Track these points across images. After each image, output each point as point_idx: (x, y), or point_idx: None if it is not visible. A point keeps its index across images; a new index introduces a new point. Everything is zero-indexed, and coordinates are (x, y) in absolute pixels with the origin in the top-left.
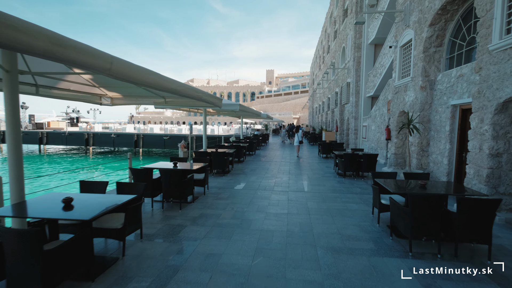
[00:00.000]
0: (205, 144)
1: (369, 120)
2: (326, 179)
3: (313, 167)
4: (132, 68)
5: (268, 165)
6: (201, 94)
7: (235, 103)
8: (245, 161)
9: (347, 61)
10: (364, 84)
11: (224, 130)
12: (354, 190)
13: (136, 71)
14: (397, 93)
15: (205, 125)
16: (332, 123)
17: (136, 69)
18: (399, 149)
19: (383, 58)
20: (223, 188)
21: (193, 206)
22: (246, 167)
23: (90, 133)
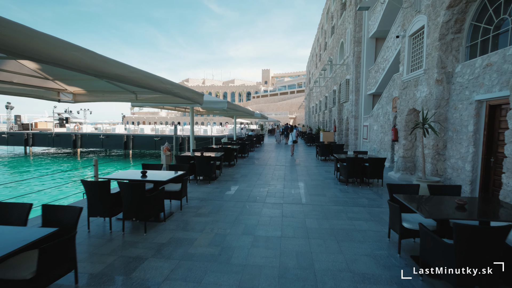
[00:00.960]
0: (192, 146)
1: (370, 120)
2: (326, 186)
3: (311, 171)
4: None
5: (262, 169)
6: (173, 88)
7: (222, 100)
8: (236, 164)
9: (346, 56)
10: (364, 81)
11: (217, 130)
12: (360, 202)
13: (80, 55)
14: (405, 89)
15: (192, 125)
16: (330, 122)
17: (80, 52)
18: (408, 151)
19: (386, 51)
20: (205, 200)
21: (163, 226)
22: (236, 172)
23: (78, 134)
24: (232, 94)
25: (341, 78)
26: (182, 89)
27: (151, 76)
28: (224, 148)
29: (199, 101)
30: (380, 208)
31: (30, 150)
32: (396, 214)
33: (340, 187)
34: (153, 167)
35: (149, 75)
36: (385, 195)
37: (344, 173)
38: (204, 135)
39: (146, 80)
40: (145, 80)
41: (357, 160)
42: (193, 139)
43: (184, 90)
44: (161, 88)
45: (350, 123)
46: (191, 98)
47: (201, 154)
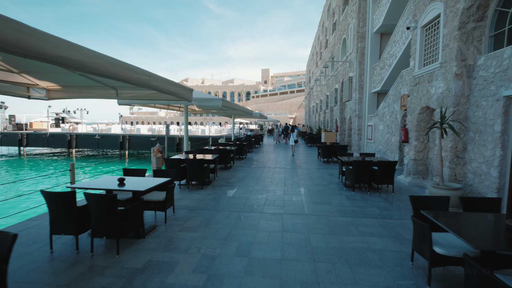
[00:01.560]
0: (185, 147)
1: (375, 119)
2: (331, 193)
3: (313, 175)
4: None
5: (260, 172)
6: (151, 80)
7: (216, 97)
8: (233, 167)
9: (348, 53)
10: (368, 79)
11: (216, 130)
12: (371, 212)
13: None
14: (417, 85)
15: (186, 125)
16: (331, 122)
17: None
18: (419, 153)
19: (393, 46)
20: (196, 209)
21: (142, 245)
22: (233, 175)
23: (73, 134)
24: (231, 94)
25: (343, 76)
26: (164, 83)
27: (119, 64)
28: (220, 149)
29: (186, 97)
30: (394, 220)
31: (24, 150)
32: (424, 235)
33: (346, 194)
34: (136, 172)
35: (116, 62)
36: (398, 203)
37: (350, 178)
38: (201, 135)
39: (111, 69)
40: (110, 68)
41: (365, 164)
42: (187, 139)
43: (167, 83)
44: (134, 79)
45: (353, 122)
46: (177, 93)
47: (194, 156)
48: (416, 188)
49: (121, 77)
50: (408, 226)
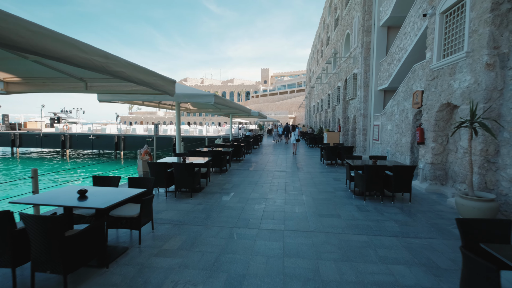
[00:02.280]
0: (178, 148)
1: (382, 118)
2: (338, 202)
3: (316, 179)
4: None
5: (258, 176)
6: (110, 63)
7: (208, 93)
8: (229, 170)
9: (352, 48)
10: (374, 75)
11: (214, 130)
12: (389, 228)
13: None
14: (435, 79)
15: (179, 124)
16: (333, 122)
17: None
18: (437, 157)
19: (403, 39)
20: (180, 224)
21: (102, 278)
22: (228, 180)
23: (67, 134)
24: (231, 93)
25: (347, 73)
26: (132, 69)
27: (46, 34)
28: (215, 151)
29: (167, 90)
30: (419, 239)
31: (17, 151)
32: (489, 280)
33: (356, 203)
34: (108, 181)
35: (41, 30)
36: (419, 216)
37: (360, 185)
38: (198, 136)
39: (32, 40)
40: (30, 38)
41: (378, 169)
42: (179, 140)
43: (136, 71)
44: (80, 60)
45: (358, 122)
46: (153, 85)
47: (183, 160)
48: (435, 196)
49: (54, 54)
50: (439, 248)
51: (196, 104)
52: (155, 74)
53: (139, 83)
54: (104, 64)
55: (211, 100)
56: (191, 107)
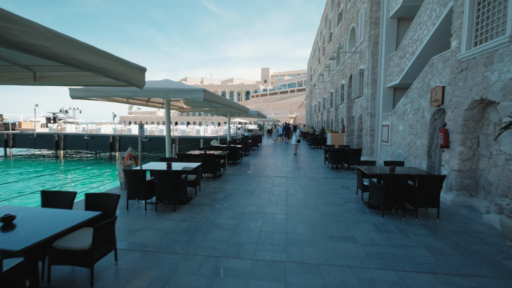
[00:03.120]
0: (168, 151)
1: (393, 118)
2: (351, 218)
3: (322, 187)
4: None
5: (256, 183)
6: (48, 44)
7: (196, 88)
8: (224, 175)
9: (358, 43)
10: (383, 71)
11: (212, 131)
12: (421, 258)
13: None
14: (463, 71)
15: (168, 124)
16: (336, 122)
17: None
18: (466, 163)
19: (417, 30)
20: (154, 251)
21: None
22: (221, 188)
23: (61, 134)
24: (230, 93)
25: (352, 69)
26: (66, 46)
27: None
28: (207, 155)
29: (132, 80)
30: (465, 277)
31: (11, 152)
32: None
33: (372, 219)
34: (59, 198)
35: None
36: (453, 239)
37: (377, 197)
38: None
39: None
40: None
41: (399, 178)
42: (169, 143)
43: (76, 49)
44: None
45: (364, 122)
46: (109, 71)
47: (168, 166)
48: (465, 210)
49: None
50: None
51: (189, 103)
52: (111, 56)
53: (81, 67)
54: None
55: (199, 96)
56: (185, 106)
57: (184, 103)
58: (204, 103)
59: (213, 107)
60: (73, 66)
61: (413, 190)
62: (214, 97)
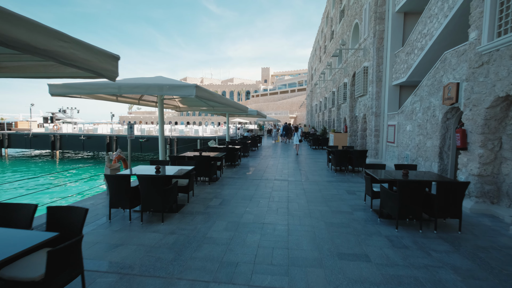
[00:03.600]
0: (162, 153)
1: (399, 117)
2: (361, 230)
3: (326, 192)
4: None
5: (255, 188)
6: None
7: (188, 84)
8: (221, 178)
9: (362, 39)
10: (389, 68)
11: (211, 131)
12: (448, 282)
13: None
14: (484, 65)
15: (162, 124)
16: (338, 122)
17: None
18: (487, 167)
19: (427, 23)
20: (132, 274)
21: None
22: (216, 193)
23: (57, 134)
24: (231, 93)
25: (355, 67)
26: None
27: None
28: (202, 158)
29: (100, 70)
30: None
31: (6, 152)
32: None
33: (386, 232)
34: (14, 212)
35: None
36: (482, 257)
37: (390, 206)
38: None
39: None
40: None
41: (416, 186)
42: (162, 144)
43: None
44: None
45: (369, 122)
46: (68, 58)
47: (156, 170)
48: (487, 220)
49: None
50: None
51: (186, 101)
52: (65, 38)
53: (22, 49)
54: None
55: (191, 93)
56: (181, 105)
57: (180, 102)
58: (201, 101)
59: (210, 106)
60: (11, 48)
61: (431, 198)
62: (208, 94)
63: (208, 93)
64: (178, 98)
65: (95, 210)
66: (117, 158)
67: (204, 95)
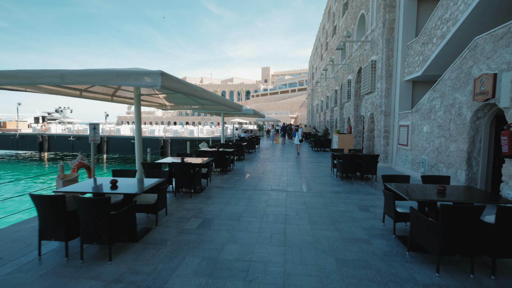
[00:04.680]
0: (138, 159)
1: (414, 117)
2: (388, 276)
3: (333, 209)
4: None
5: (245, 202)
6: None
7: (150, 71)
8: (208, 188)
9: (369, 31)
10: (400, 62)
11: (208, 131)
12: None
13: None
14: None
15: (139, 123)
16: (341, 122)
17: None
18: None
19: (449, 6)
20: None
21: None
22: (198, 210)
23: (45, 135)
24: (230, 93)
25: (361, 62)
26: None
27: None
28: (183, 165)
29: None
30: None
31: None
32: None
33: (424, 279)
34: None
35: None
36: None
37: (427, 238)
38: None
39: None
40: None
41: (469, 213)
42: (139, 148)
43: None
44: None
45: (377, 122)
46: None
47: (112, 185)
48: None
49: None
50: None
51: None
52: None
53: None
54: None
55: (156, 82)
56: (167, 102)
57: (165, 99)
58: (189, 99)
59: (200, 103)
60: None
61: (487, 230)
62: (184, 86)
63: (183, 84)
64: (162, 95)
65: (31, 237)
66: (77, 166)
67: (177, 87)
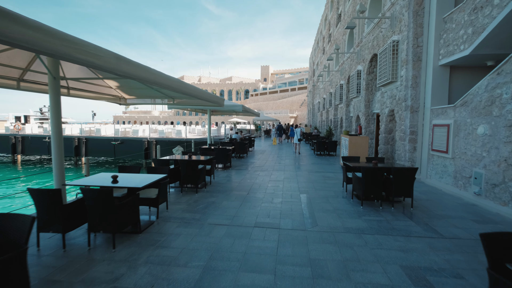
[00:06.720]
0: (55, 163)
1: (459, 113)
2: None
3: (361, 278)
4: None
5: (209, 253)
6: None
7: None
8: (152, 227)
9: (388, 5)
10: (433, 42)
11: (199, 131)
12: None
13: None
14: None
15: (58, 118)
16: (347, 121)
17: None
18: None
19: None
20: None
21: None
22: (167, 243)
23: (18, 136)
24: (229, 92)
25: (375, 47)
26: None
27: None
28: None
29: None
30: None
31: None
32: None
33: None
34: None
35: None
36: None
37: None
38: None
39: None
40: None
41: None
42: (58, 151)
43: None
44: None
45: (400, 120)
46: None
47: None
48: None
49: None
50: None
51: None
52: None
53: None
54: None
55: None
56: (126, 96)
57: (120, 90)
58: (151, 89)
59: (168, 96)
60: None
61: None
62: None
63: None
64: (113, 83)
65: None
66: None
67: (125, 68)
